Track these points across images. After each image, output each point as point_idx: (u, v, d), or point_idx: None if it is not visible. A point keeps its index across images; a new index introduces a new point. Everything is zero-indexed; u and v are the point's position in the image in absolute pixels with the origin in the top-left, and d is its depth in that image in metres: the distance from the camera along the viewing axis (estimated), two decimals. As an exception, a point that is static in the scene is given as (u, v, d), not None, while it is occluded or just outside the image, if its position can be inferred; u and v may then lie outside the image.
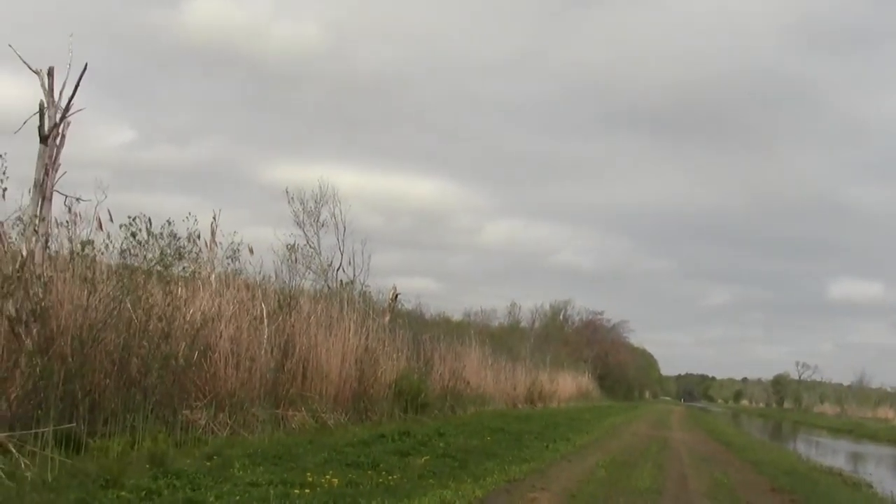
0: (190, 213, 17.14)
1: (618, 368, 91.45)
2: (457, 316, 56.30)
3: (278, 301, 20.99)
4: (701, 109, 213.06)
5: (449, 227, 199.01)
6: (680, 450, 26.13)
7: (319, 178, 36.67)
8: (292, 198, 30.88)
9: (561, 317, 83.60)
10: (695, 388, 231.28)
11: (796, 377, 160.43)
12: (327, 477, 11.05)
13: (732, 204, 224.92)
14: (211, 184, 77.11)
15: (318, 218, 31.41)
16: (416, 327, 32.26)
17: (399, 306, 32.82)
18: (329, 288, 29.16)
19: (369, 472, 12.25)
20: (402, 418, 23.82)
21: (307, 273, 28.53)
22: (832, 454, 44.21)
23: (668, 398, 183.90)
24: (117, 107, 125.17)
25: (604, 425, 34.98)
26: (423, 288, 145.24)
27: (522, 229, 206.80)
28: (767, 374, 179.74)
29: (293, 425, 19.05)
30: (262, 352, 19.08)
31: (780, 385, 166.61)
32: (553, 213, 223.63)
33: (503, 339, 53.86)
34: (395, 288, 30.92)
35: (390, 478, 11.80)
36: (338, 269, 30.34)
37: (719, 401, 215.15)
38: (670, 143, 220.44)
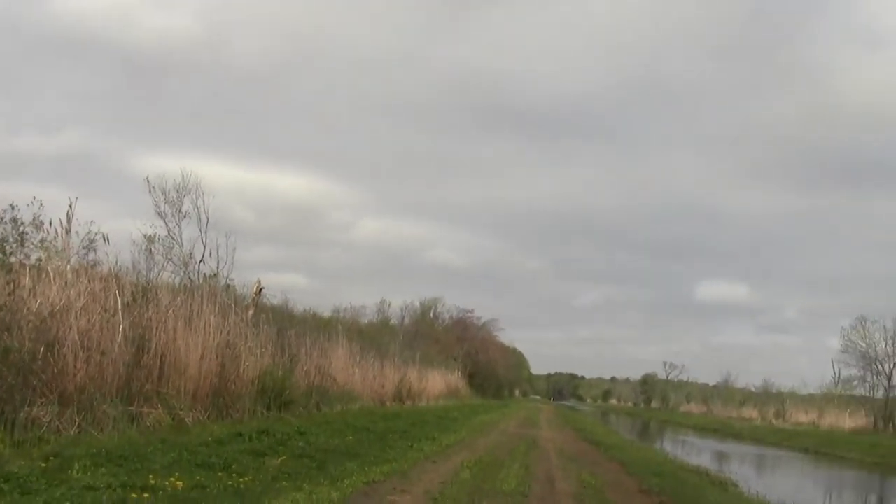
0: (35, 198, 16.10)
1: (488, 366, 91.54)
2: (326, 313, 55.58)
3: (133, 293, 20.00)
4: (577, 112, 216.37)
5: (321, 223, 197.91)
6: (548, 449, 25.94)
7: (182, 166, 35.44)
8: (153, 187, 29.60)
9: (431, 314, 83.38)
10: (564, 387, 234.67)
11: (664, 377, 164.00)
12: (172, 479, 10.28)
13: (605, 205, 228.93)
14: (80, 174, 74.47)
15: (181, 208, 30.19)
16: (281, 322, 31.41)
17: (264, 301, 32.01)
18: (191, 281, 28.23)
19: (220, 473, 11.50)
20: (265, 416, 23.00)
21: (167, 265, 27.47)
22: (698, 453, 45.13)
23: (538, 397, 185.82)
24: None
25: (472, 424, 34.69)
26: (294, 284, 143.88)
27: (396, 226, 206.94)
28: (636, 374, 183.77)
29: (147, 423, 18.14)
30: (116, 346, 18.09)
31: (647, 384, 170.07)
32: (427, 211, 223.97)
33: (372, 336, 53.24)
34: (259, 282, 30.06)
35: (241, 480, 11.09)
36: (200, 262, 29.27)
37: (588, 400, 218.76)
38: (546, 144, 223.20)
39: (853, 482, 38.06)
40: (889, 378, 68.82)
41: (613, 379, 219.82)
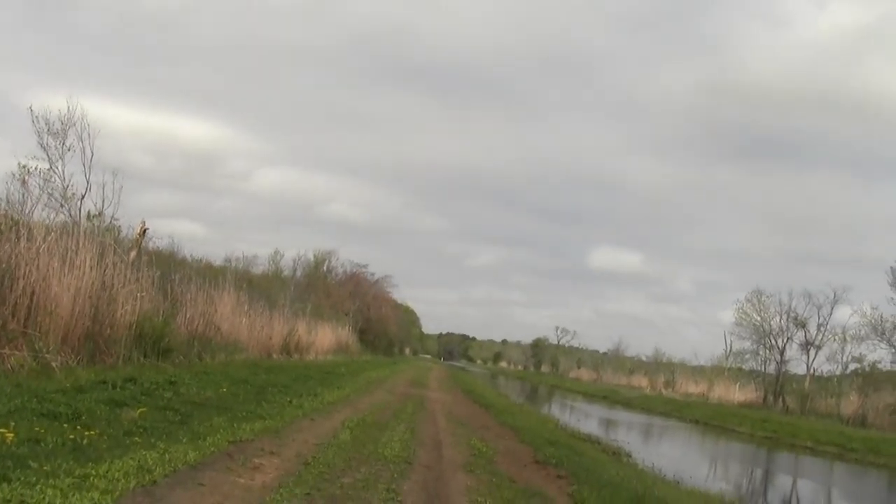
0: None
1: (379, 323, 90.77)
2: (220, 262, 54.27)
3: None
4: (482, 73, 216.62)
5: (221, 170, 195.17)
6: (436, 411, 25.24)
7: (68, 97, 33.72)
8: (37, 117, 27.97)
9: (325, 267, 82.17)
10: (455, 348, 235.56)
11: (555, 342, 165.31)
12: (3, 431, 9.16)
13: (505, 167, 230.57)
14: None
15: (64, 141, 28.63)
16: (166, 267, 30.16)
17: (149, 243, 30.72)
18: (71, 218, 26.86)
19: (65, 425, 10.34)
20: (141, 363, 21.87)
21: (44, 199, 26.03)
22: (590, 420, 44.99)
23: (428, 356, 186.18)
24: None
25: (359, 381, 33.85)
26: (190, 232, 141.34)
27: (296, 178, 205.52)
28: (528, 338, 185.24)
29: (8, 366, 16.93)
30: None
31: (538, 348, 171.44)
32: (328, 164, 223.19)
33: (263, 286, 52.07)
34: (143, 223, 28.62)
35: (88, 433, 9.97)
36: (81, 199, 27.84)
37: (479, 361, 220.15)
38: (451, 103, 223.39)
39: (744, 456, 38.34)
40: (782, 353, 69.98)
41: (505, 341, 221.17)
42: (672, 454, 31.82)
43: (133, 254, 26.63)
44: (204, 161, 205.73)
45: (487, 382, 76.23)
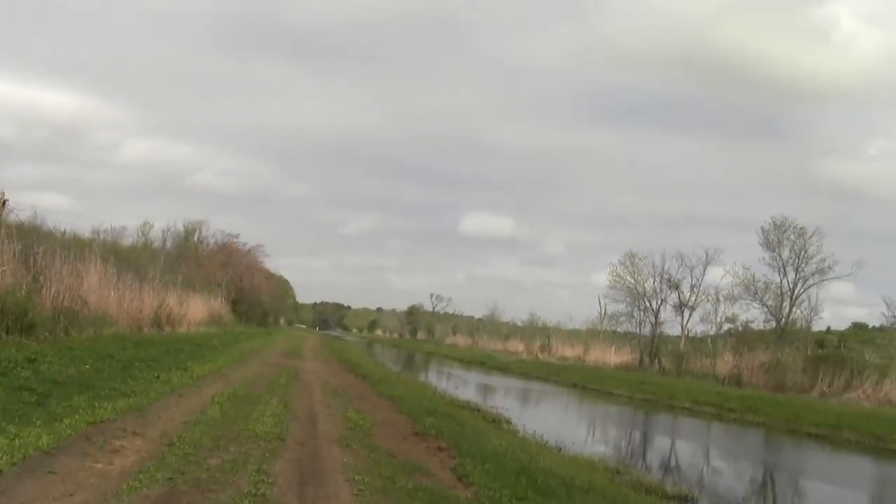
0: None
1: (252, 293, 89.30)
2: (87, 234, 52.53)
3: None
4: (351, 37, 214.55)
5: (88, 142, 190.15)
6: (311, 382, 24.75)
7: None
8: None
9: (195, 238, 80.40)
10: (330, 317, 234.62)
11: (430, 309, 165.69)
12: None
13: (375, 133, 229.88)
14: None
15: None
16: (28, 240, 28.95)
17: (10, 216, 29.46)
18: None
19: None
20: (3, 340, 20.88)
21: None
22: (467, 387, 45.02)
23: (303, 326, 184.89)
24: None
25: (231, 352, 33.14)
26: (56, 205, 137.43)
27: (164, 148, 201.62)
28: (403, 305, 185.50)
29: None
30: None
31: (413, 315, 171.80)
32: (196, 134, 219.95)
33: (132, 258, 50.63)
34: (2, 194, 27.48)
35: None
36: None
37: (354, 330, 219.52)
38: (318, 68, 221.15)
39: (624, 418, 38.84)
40: (656, 314, 71.08)
41: (380, 310, 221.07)
42: (552, 419, 32.03)
43: (-9, 226, 25.50)
44: (70, 132, 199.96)
45: (363, 351, 75.83)
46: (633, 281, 73.35)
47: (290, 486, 9.11)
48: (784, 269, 60.97)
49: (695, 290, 69.16)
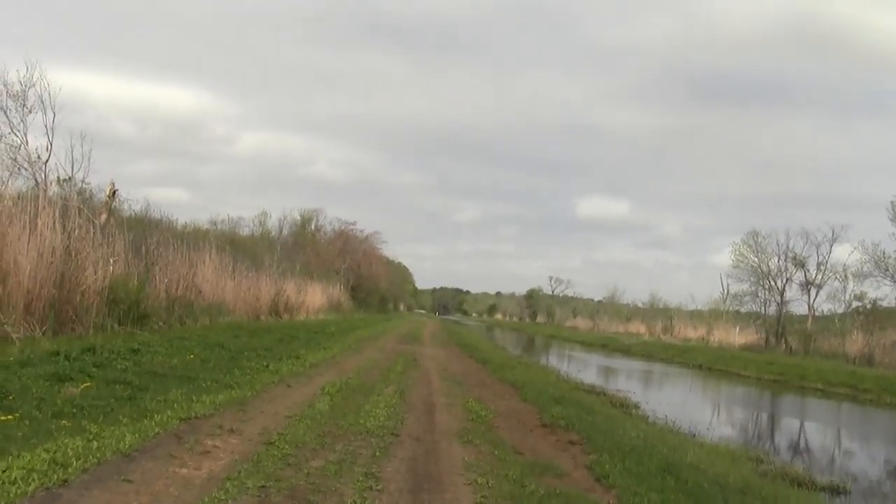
0: None
1: (371, 280, 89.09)
2: (205, 226, 52.76)
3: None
4: (459, 28, 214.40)
5: (204, 136, 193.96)
6: (429, 369, 23.59)
7: (25, 55, 31.96)
8: (-6, 78, 26.04)
9: (312, 226, 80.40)
10: (450, 302, 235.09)
11: (549, 292, 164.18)
12: None
13: (487, 122, 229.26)
14: None
15: (25, 102, 26.82)
16: (140, 229, 28.58)
17: (122, 206, 29.14)
18: (36, 183, 25.28)
19: (-18, 407, 8.76)
20: (115, 331, 20.29)
21: (5, 162, 24.45)
22: (590, 369, 43.53)
23: (423, 311, 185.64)
24: None
25: (348, 340, 32.27)
26: (176, 199, 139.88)
27: (278, 140, 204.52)
28: (521, 289, 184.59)
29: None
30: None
31: (533, 299, 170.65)
32: (309, 125, 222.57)
33: (249, 247, 50.52)
34: (112, 184, 27.04)
35: (4, 418, 8.32)
36: (46, 163, 26.17)
37: (474, 314, 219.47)
38: (429, 59, 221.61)
39: (755, 400, 36.82)
40: (782, 293, 68.35)
41: (499, 293, 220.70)
42: (681, 402, 30.28)
43: (103, 217, 25.09)
44: (186, 128, 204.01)
45: (483, 335, 74.73)
46: (756, 260, 70.66)
47: (402, 493, 7.78)
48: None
49: (821, 267, 66.24)
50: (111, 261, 22.89)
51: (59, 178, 26.06)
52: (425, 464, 9.37)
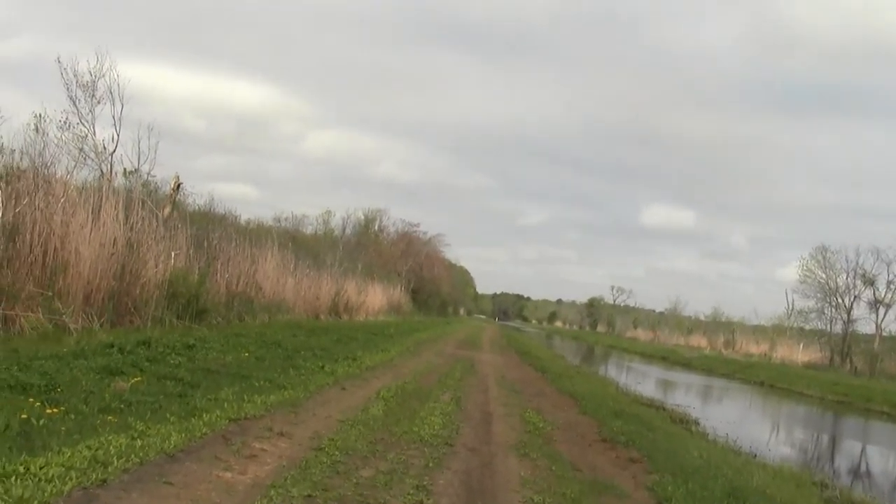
0: None
1: (432, 283, 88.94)
2: (268, 222, 52.86)
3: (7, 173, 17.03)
4: (527, 31, 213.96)
5: (273, 134, 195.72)
6: (487, 375, 23.19)
7: (96, 46, 32.11)
8: (65, 69, 26.15)
9: (376, 226, 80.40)
10: (510, 308, 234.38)
11: (611, 301, 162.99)
12: None
13: (555, 126, 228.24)
14: (35, 81, 70.23)
15: (94, 93, 26.91)
16: (203, 224, 28.56)
17: (185, 199, 29.16)
18: (103, 174, 25.38)
19: (31, 399, 8.43)
20: (173, 325, 20.20)
21: (72, 152, 24.51)
22: (649, 382, 42.85)
23: (482, 316, 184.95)
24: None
25: (406, 342, 31.97)
26: (244, 195, 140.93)
27: (346, 140, 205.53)
28: (582, 297, 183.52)
29: (20, 328, 15.26)
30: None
31: (594, 308, 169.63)
32: (377, 125, 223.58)
33: (311, 245, 50.52)
34: (177, 177, 27.01)
35: (51, 411, 8.06)
36: (112, 154, 26.25)
37: (534, 321, 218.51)
38: (496, 61, 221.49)
39: (818, 422, 35.83)
40: (849, 311, 66.99)
41: (559, 301, 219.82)
42: (742, 420, 29.56)
43: (167, 210, 25.09)
44: (255, 125, 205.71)
45: (542, 343, 74.07)
46: (824, 276, 69.40)
47: (455, 508, 7.45)
48: None
49: (891, 286, 64.87)
50: (173, 254, 22.86)
51: (125, 169, 26.18)
52: (480, 478, 8.96)
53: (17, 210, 16.78)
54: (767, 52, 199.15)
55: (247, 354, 16.26)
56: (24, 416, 7.70)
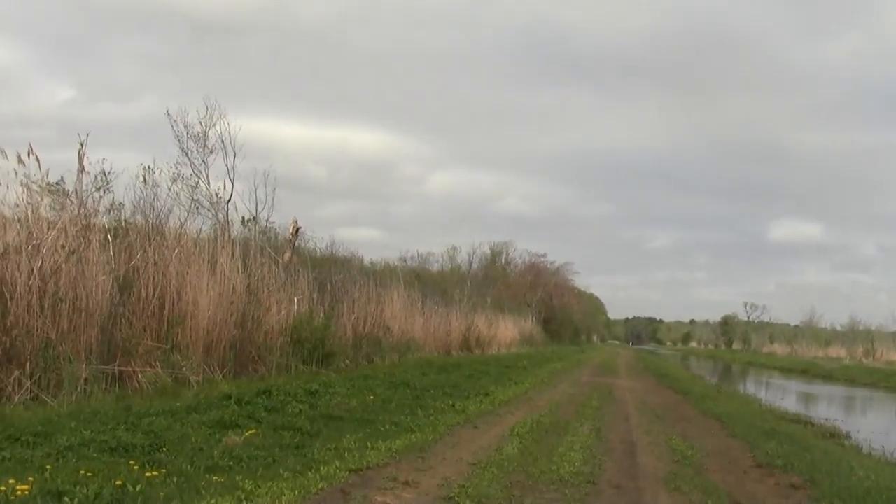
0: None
1: (563, 312, 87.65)
2: (393, 262, 52.57)
3: (115, 229, 16.64)
4: (642, 56, 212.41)
5: (394, 176, 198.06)
6: (627, 402, 21.92)
7: (205, 96, 32.02)
8: (175, 120, 25.93)
9: (502, 260, 79.72)
10: (643, 331, 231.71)
11: (744, 318, 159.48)
12: (37, 477, 6.46)
13: (676, 149, 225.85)
14: (156, 140, 72.25)
15: (206, 143, 26.65)
16: (324, 267, 28.13)
17: (305, 244, 28.73)
18: (219, 222, 25.07)
19: (130, 462, 7.66)
20: (299, 371, 19.61)
21: (187, 204, 24.25)
22: (791, 396, 40.86)
23: (616, 342, 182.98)
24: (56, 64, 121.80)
25: (540, 373, 30.88)
26: (369, 238, 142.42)
27: (466, 178, 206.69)
28: (715, 316, 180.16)
29: (137, 384, 14.76)
30: (98, 291, 14.72)
31: (728, 326, 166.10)
32: (496, 162, 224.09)
33: (438, 282, 49.99)
34: (295, 221, 26.54)
35: (151, 474, 7.27)
36: (228, 201, 25.92)
37: (668, 343, 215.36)
38: (612, 90, 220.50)
39: None
40: None
41: (693, 321, 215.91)
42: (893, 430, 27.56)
43: (287, 255, 24.65)
44: (375, 169, 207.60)
45: (679, 364, 72.09)
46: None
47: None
48: None
49: None
50: (295, 299, 22.36)
51: (242, 217, 25.84)
52: (631, 521, 7.84)
53: (130, 264, 16.36)
54: (881, 64, 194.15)
55: (372, 397, 15.41)
56: (118, 482, 6.88)
